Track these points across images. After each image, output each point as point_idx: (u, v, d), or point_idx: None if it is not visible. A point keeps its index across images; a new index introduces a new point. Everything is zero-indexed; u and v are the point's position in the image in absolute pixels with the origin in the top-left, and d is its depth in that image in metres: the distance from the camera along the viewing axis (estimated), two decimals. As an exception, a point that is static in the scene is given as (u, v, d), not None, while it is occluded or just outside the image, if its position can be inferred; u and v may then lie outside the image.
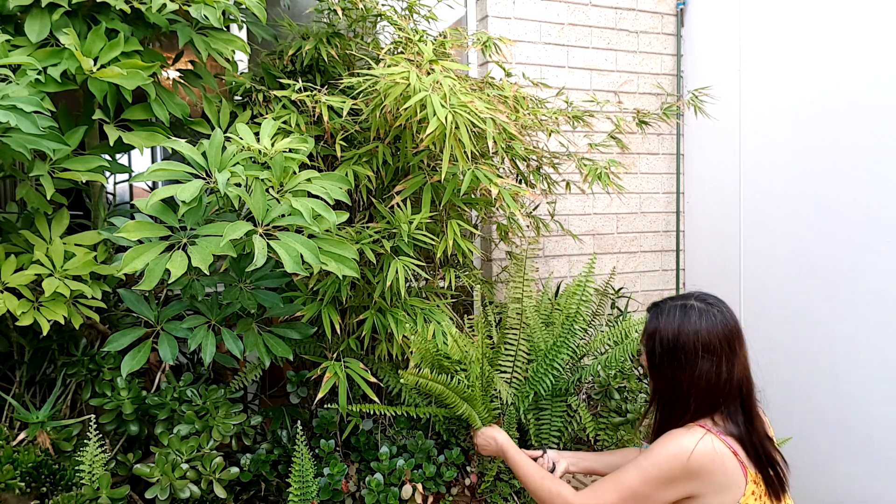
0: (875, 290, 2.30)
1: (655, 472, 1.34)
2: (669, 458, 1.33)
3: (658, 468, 1.33)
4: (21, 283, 1.64)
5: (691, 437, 1.34)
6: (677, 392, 1.40)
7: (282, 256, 1.44)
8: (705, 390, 1.37)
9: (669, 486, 1.33)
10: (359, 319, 1.96)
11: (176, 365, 2.03)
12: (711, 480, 1.31)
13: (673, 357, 1.39)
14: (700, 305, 1.41)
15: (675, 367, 1.39)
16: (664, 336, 1.41)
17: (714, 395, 1.37)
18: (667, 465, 1.32)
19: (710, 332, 1.37)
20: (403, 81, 1.67)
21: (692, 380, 1.37)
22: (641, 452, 1.43)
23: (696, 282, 3.10)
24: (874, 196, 2.29)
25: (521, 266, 2.36)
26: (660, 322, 1.43)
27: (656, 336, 1.42)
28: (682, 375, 1.38)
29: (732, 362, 1.37)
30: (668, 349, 1.40)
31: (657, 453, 1.36)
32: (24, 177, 1.71)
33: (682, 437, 1.35)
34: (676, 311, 1.42)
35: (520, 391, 2.15)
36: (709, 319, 1.39)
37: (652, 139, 3.07)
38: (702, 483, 1.32)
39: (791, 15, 2.59)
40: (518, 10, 2.78)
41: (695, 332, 1.37)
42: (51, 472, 1.70)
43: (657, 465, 1.34)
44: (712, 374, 1.36)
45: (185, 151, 1.53)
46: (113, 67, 1.58)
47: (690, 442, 1.32)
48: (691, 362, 1.37)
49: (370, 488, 1.85)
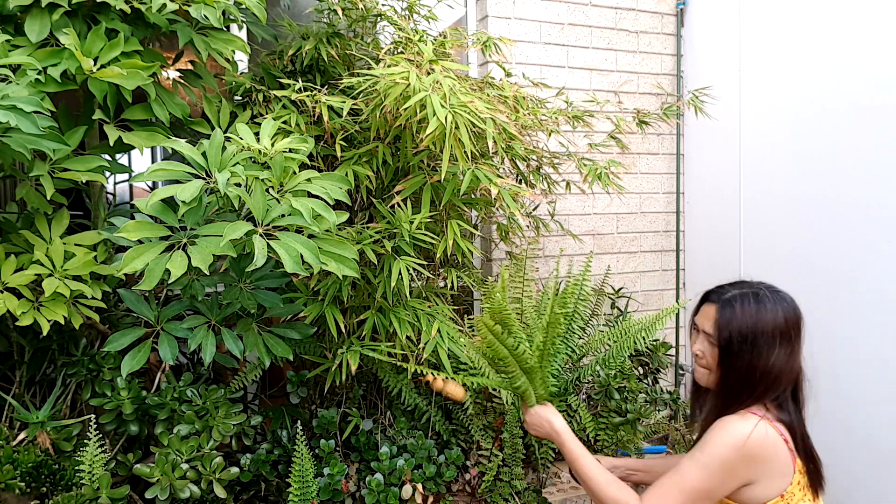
0: (875, 290, 2.30)
1: (716, 464, 1.31)
2: (727, 448, 1.31)
3: (718, 460, 1.31)
4: (21, 283, 1.64)
5: (745, 423, 1.32)
6: (749, 379, 1.38)
7: (282, 256, 1.44)
8: (775, 377, 1.36)
9: (731, 476, 1.31)
10: (359, 319, 1.96)
11: (176, 365, 2.03)
12: (766, 467, 1.31)
13: (752, 344, 1.37)
14: (771, 294, 1.40)
15: (752, 354, 1.37)
16: (743, 324, 1.38)
17: (780, 381, 1.36)
18: (726, 455, 1.31)
19: (787, 318, 1.38)
20: (403, 81, 1.67)
21: (766, 367, 1.36)
22: (693, 447, 1.39)
23: (696, 282, 3.10)
24: (874, 196, 2.29)
25: (521, 266, 2.36)
26: (735, 310, 1.40)
27: (731, 325, 1.39)
28: (758, 362, 1.36)
29: (798, 349, 1.38)
30: (747, 337, 1.38)
31: (714, 444, 1.33)
32: (24, 177, 1.71)
33: (735, 425, 1.33)
34: (750, 299, 1.40)
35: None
36: (782, 306, 1.39)
37: (652, 139, 3.07)
38: (758, 469, 1.31)
39: (791, 15, 2.59)
40: (518, 10, 2.77)
41: (773, 319, 1.37)
42: (51, 472, 1.70)
43: (716, 457, 1.32)
44: (782, 360, 1.36)
45: (185, 151, 1.53)
46: (113, 67, 1.58)
47: (745, 428, 1.31)
48: (769, 349, 1.36)
49: (370, 488, 1.85)
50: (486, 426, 2.19)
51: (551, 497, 2.15)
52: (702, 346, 1.44)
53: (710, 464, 1.32)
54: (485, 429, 2.18)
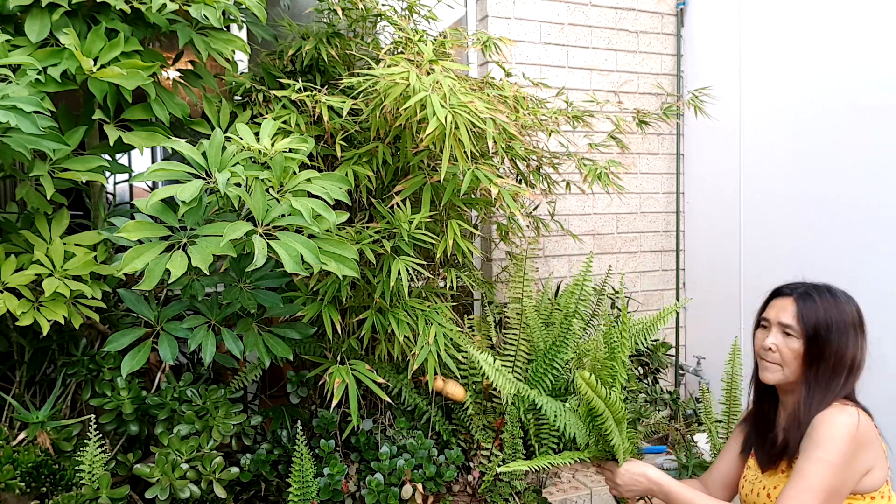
0: (875, 289, 2.30)
1: (839, 458, 1.32)
2: (843, 439, 1.33)
3: (838, 453, 1.32)
4: (21, 283, 1.64)
5: (848, 413, 1.36)
6: (838, 368, 1.43)
7: (282, 256, 1.44)
8: (857, 366, 1.44)
9: (854, 467, 1.34)
10: (359, 319, 1.96)
11: (176, 365, 2.03)
12: (877, 451, 1.35)
13: (838, 333, 1.43)
14: (838, 291, 1.48)
15: (839, 343, 1.43)
16: (828, 314, 1.43)
17: (860, 370, 1.44)
18: (845, 448, 1.32)
19: (857, 310, 1.46)
20: (403, 81, 1.67)
21: (853, 355, 1.43)
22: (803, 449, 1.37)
23: (696, 282, 3.11)
24: (874, 196, 2.29)
25: (520, 266, 2.36)
26: (816, 302, 1.45)
27: (818, 314, 1.43)
28: (845, 351, 1.43)
29: (864, 342, 1.46)
30: (831, 326, 1.43)
31: (829, 440, 1.33)
32: (25, 177, 1.71)
33: (840, 415, 1.35)
34: (825, 293, 1.46)
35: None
36: (851, 302, 1.47)
37: (652, 139, 3.07)
38: (870, 455, 1.35)
39: (791, 15, 2.59)
40: (518, 10, 2.78)
41: (850, 311, 1.45)
42: (51, 471, 1.70)
43: (835, 451, 1.32)
44: (859, 350, 1.44)
45: (185, 151, 1.53)
46: (113, 67, 1.58)
47: (851, 417, 1.35)
48: (853, 338, 1.44)
49: (370, 488, 1.85)
50: (487, 426, 2.19)
51: (551, 497, 2.15)
52: (776, 339, 1.45)
53: (835, 460, 1.31)
54: (485, 429, 2.19)
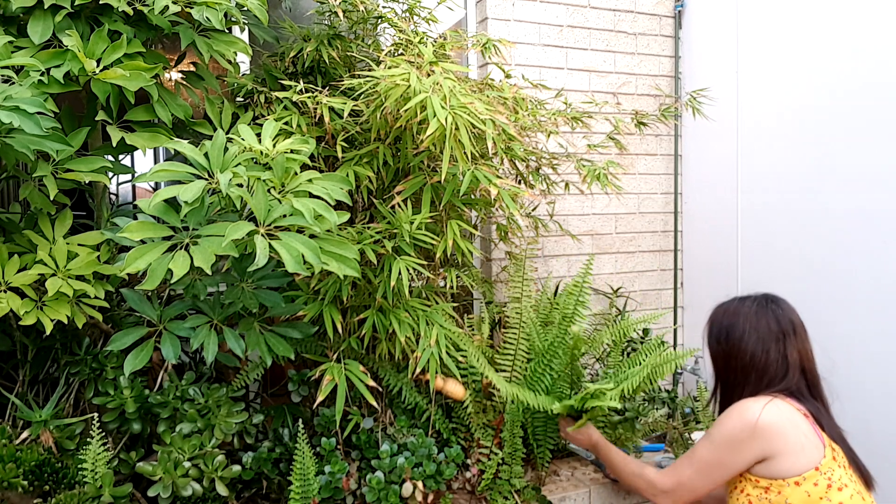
0: (872, 290, 2.31)
1: (723, 438, 1.46)
2: (735, 423, 1.45)
3: (726, 434, 1.46)
4: (24, 282, 1.66)
5: (756, 402, 1.46)
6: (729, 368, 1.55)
7: (283, 256, 1.45)
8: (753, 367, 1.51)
9: (739, 450, 1.44)
10: (359, 319, 1.97)
11: (178, 364, 2.04)
12: (783, 441, 1.41)
13: (724, 337, 1.57)
14: (759, 299, 1.59)
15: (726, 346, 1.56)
16: (719, 320, 1.60)
17: (764, 372, 1.51)
18: (734, 430, 1.45)
19: (761, 316, 1.54)
20: (404, 83, 1.68)
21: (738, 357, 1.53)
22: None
23: (694, 282, 3.12)
24: (871, 197, 2.30)
25: (520, 266, 2.38)
26: (719, 310, 1.63)
27: (712, 320, 1.62)
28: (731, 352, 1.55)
29: (787, 346, 1.52)
30: (720, 330, 1.58)
31: (725, 422, 1.48)
32: (28, 177, 1.72)
33: (747, 403, 1.47)
34: (735, 301, 1.61)
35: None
36: (761, 307, 1.56)
37: (650, 140, 3.09)
38: (772, 443, 1.42)
39: (789, 17, 2.61)
40: (517, 13, 2.79)
41: (745, 315, 1.55)
42: (54, 470, 1.71)
43: (724, 432, 1.47)
44: (758, 352, 1.52)
45: (187, 152, 1.54)
46: (116, 69, 1.59)
47: (756, 406, 1.45)
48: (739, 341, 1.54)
49: (371, 486, 1.87)
50: (486, 424, 2.20)
51: (550, 495, 2.17)
52: None
53: (718, 437, 1.48)
54: (485, 427, 2.20)
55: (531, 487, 2.13)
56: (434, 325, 1.94)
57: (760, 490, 1.43)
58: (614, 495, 2.25)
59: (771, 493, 1.41)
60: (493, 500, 2.08)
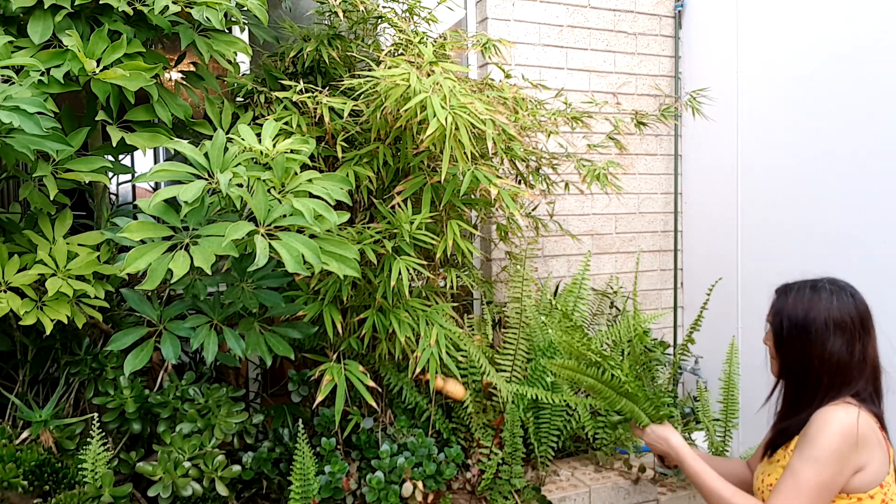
0: (871, 290, 2.31)
1: (830, 456, 1.31)
2: (838, 437, 1.31)
3: (830, 451, 1.31)
4: (24, 282, 1.66)
5: (848, 412, 1.33)
6: (807, 369, 1.39)
7: (283, 256, 1.45)
8: (836, 368, 1.37)
9: (845, 465, 1.31)
10: (360, 318, 1.97)
11: (178, 364, 2.04)
12: (873, 451, 1.32)
13: (803, 331, 1.40)
14: (831, 286, 1.44)
15: (805, 342, 1.39)
16: (793, 313, 1.42)
17: (846, 373, 1.37)
18: (837, 445, 1.31)
19: (842, 310, 1.39)
20: (404, 83, 1.68)
21: (822, 356, 1.38)
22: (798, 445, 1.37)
23: (694, 282, 3.12)
24: (871, 196, 2.30)
25: (520, 266, 2.38)
26: (788, 300, 1.45)
27: (784, 313, 1.44)
28: (813, 352, 1.38)
29: (865, 343, 1.39)
30: (796, 325, 1.41)
31: (822, 437, 1.32)
32: (28, 177, 1.73)
33: (839, 413, 1.33)
34: (806, 290, 1.45)
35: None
36: (840, 299, 1.41)
37: (650, 140, 3.09)
38: (867, 454, 1.32)
39: (788, 17, 2.61)
40: (517, 13, 2.79)
41: (826, 308, 1.39)
42: (54, 470, 1.71)
43: (828, 449, 1.31)
44: (844, 352, 1.37)
45: (187, 152, 1.55)
46: (116, 69, 1.59)
47: (851, 416, 1.32)
48: (822, 338, 1.38)
49: (371, 486, 1.87)
50: (486, 424, 2.20)
51: (550, 495, 2.17)
52: (765, 333, 1.50)
53: (822, 457, 1.31)
54: (485, 427, 2.20)
55: (531, 487, 2.13)
56: (434, 325, 1.94)
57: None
58: (614, 495, 2.25)
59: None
60: (493, 500, 2.08)
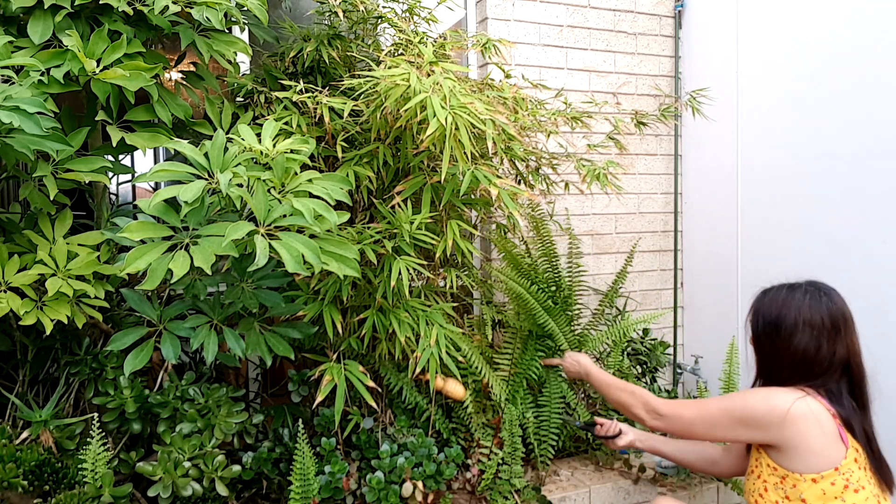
0: (871, 290, 2.31)
1: (741, 410, 1.46)
2: (760, 406, 1.44)
3: (746, 408, 1.45)
4: (24, 282, 1.66)
5: (790, 394, 1.44)
6: (776, 363, 1.51)
7: (283, 256, 1.45)
8: (801, 360, 1.48)
9: (746, 428, 1.45)
10: (360, 318, 1.97)
11: (178, 364, 2.05)
12: (803, 438, 1.40)
13: (774, 330, 1.51)
14: (808, 287, 1.54)
15: (775, 339, 1.51)
16: (767, 311, 1.54)
17: (808, 367, 1.47)
18: (757, 412, 1.44)
19: (813, 309, 1.49)
20: (404, 83, 1.68)
21: (788, 351, 1.49)
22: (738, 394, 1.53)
23: (694, 282, 3.12)
24: (871, 196, 2.30)
25: (520, 266, 2.38)
26: (765, 300, 1.57)
27: (760, 312, 1.56)
28: (781, 347, 1.50)
29: (835, 342, 1.48)
30: (769, 322, 1.52)
31: (753, 396, 1.46)
32: (28, 177, 1.73)
33: (778, 392, 1.45)
34: (783, 290, 1.56)
35: (512, 385, 2.20)
36: (814, 298, 1.51)
37: (650, 140, 3.09)
38: (792, 436, 1.41)
39: (788, 17, 2.61)
40: (517, 13, 2.79)
41: (797, 308, 1.50)
42: (53, 470, 1.71)
43: (746, 406, 1.45)
44: (810, 347, 1.47)
45: (187, 152, 1.55)
46: (116, 69, 1.59)
47: (789, 398, 1.43)
48: (790, 335, 1.49)
49: (371, 486, 1.87)
50: (486, 424, 2.20)
51: (550, 495, 2.17)
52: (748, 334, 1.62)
53: (737, 405, 1.47)
54: (484, 427, 2.20)
55: (531, 487, 2.13)
56: (434, 325, 1.94)
57: (777, 479, 1.45)
58: (614, 495, 2.26)
59: (786, 483, 1.43)
60: (493, 500, 2.08)
